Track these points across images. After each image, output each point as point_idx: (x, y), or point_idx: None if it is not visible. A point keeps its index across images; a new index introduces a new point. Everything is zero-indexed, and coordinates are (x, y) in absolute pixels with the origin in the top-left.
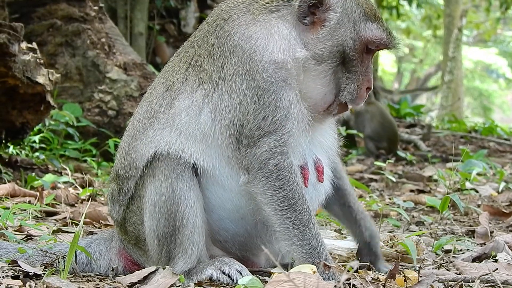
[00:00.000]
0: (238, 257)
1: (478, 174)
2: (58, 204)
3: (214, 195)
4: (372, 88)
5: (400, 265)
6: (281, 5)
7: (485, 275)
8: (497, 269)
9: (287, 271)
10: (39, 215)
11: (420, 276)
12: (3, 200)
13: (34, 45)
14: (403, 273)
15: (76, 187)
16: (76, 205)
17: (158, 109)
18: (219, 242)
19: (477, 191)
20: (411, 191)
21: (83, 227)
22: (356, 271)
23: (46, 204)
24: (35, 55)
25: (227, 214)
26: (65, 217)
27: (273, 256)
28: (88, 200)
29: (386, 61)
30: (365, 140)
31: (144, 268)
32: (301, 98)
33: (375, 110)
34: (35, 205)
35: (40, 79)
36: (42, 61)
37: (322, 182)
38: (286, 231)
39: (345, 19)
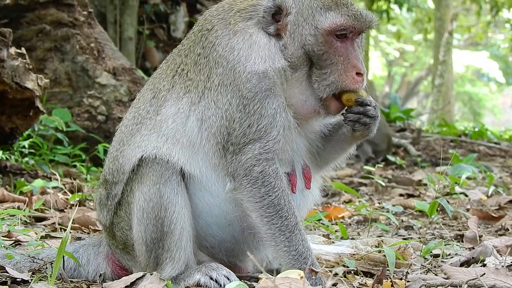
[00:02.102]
0: (225, 263)
1: (468, 178)
2: (47, 210)
3: (201, 201)
4: (365, 72)
5: (387, 270)
6: (253, 10)
7: (472, 279)
8: (484, 273)
9: (275, 276)
10: (28, 221)
11: (408, 281)
12: None
13: (23, 50)
14: (390, 278)
15: (65, 192)
16: (65, 210)
17: (145, 115)
18: (206, 248)
19: (466, 195)
20: (401, 195)
21: (70, 232)
22: (344, 276)
23: (35, 210)
24: (24, 61)
25: (214, 220)
26: (54, 223)
27: (259, 262)
28: (77, 206)
29: (376, 65)
30: (362, 143)
31: (131, 273)
32: (287, 105)
33: None
34: (24, 210)
35: (29, 84)
36: (31, 66)
37: (309, 189)
38: (272, 237)
39: (300, 19)
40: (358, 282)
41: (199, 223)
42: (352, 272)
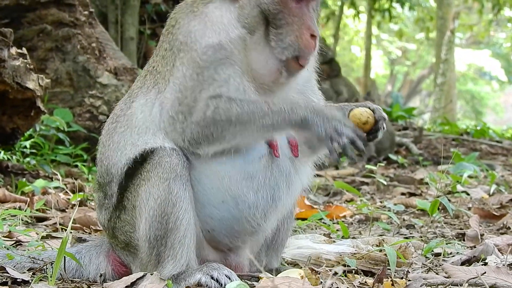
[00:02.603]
0: (229, 248)
1: (470, 177)
2: (49, 210)
3: (193, 182)
4: (319, 35)
5: (388, 269)
6: None
7: (473, 278)
8: (485, 272)
9: (275, 275)
10: (29, 221)
11: (408, 280)
12: None
13: (24, 50)
14: (391, 277)
15: (66, 192)
16: (66, 210)
17: (119, 114)
18: (208, 232)
19: (468, 194)
20: (402, 194)
21: (71, 232)
22: (345, 275)
23: (37, 210)
24: (25, 61)
25: (208, 198)
26: (55, 223)
27: (258, 262)
28: (77, 206)
29: (378, 63)
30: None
31: (131, 269)
32: (247, 72)
33: None
34: (25, 210)
35: (30, 85)
36: (32, 66)
37: (296, 156)
38: (261, 133)
39: None
40: (359, 281)
41: (197, 207)
42: (353, 271)
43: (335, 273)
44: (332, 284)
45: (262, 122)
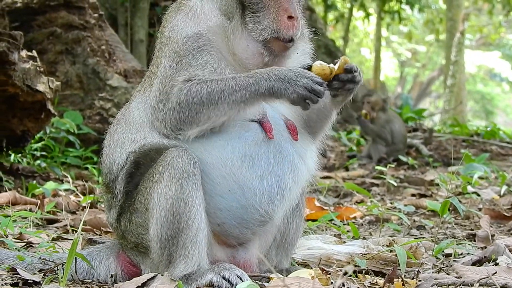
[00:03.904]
0: (239, 241)
1: (480, 178)
2: (59, 212)
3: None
4: (296, 17)
5: (399, 269)
6: None
7: (484, 278)
8: (496, 272)
9: (286, 276)
10: (40, 223)
11: (419, 280)
12: (4, 208)
13: (34, 53)
14: (402, 277)
15: (77, 194)
16: (77, 212)
17: (120, 117)
18: (218, 226)
19: (478, 195)
20: (413, 195)
21: (82, 234)
22: (355, 276)
23: (47, 212)
24: (35, 63)
25: (215, 188)
26: (66, 225)
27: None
28: (88, 207)
29: (388, 66)
30: (378, 142)
31: (140, 269)
32: (227, 58)
33: (393, 114)
34: (36, 212)
35: (40, 87)
36: (42, 69)
37: (296, 140)
38: (234, 109)
39: None
40: (369, 282)
41: (205, 199)
42: (364, 271)
43: (345, 273)
44: (343, 284)
45: (231, 98)
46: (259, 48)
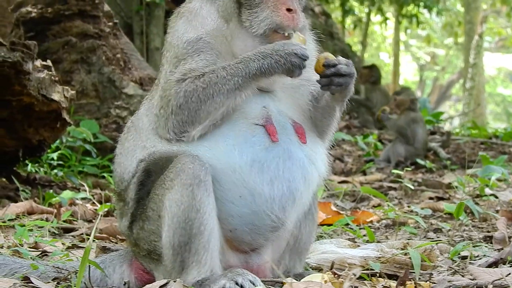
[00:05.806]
0: (252, 247)
1: (498, 180)
2: (76, 220)
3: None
4: (295, 10)
5: (412, 272)
6: None
7: (498, 280)
8: (510, 273)
9: (299, 280)
10: (57, 232)
11: (433, 283)
12: (20, 218)
13: (49, 62)
14: (415, 280)
15: (94, 203)
16: (93, 221)
17: (130, 125)
18: (230, 232)
19: (496, 197)
20: (430, 198)
21: (95, 240)
22: (369, 279)
23: (64, 221)
24: (50, 73)
25: (226, 194)
26: (82, 233)
27: (282, 267)
28: (101, 216)
29: (408, 70)
30: (398, 143)
31: (153, 275)
32: (225, 59)
33: (421, 118)
34: (52, 222)
35: (55, 96)
36: (57, 78)
37: (305, 143)
38: (231, 98)
39: None
40: (382, 285)
41: (217, 206)
42: (377, 275)
43: (354, 275)
44: (353, 287)
45: (225, 88)
46: (257, 44)
